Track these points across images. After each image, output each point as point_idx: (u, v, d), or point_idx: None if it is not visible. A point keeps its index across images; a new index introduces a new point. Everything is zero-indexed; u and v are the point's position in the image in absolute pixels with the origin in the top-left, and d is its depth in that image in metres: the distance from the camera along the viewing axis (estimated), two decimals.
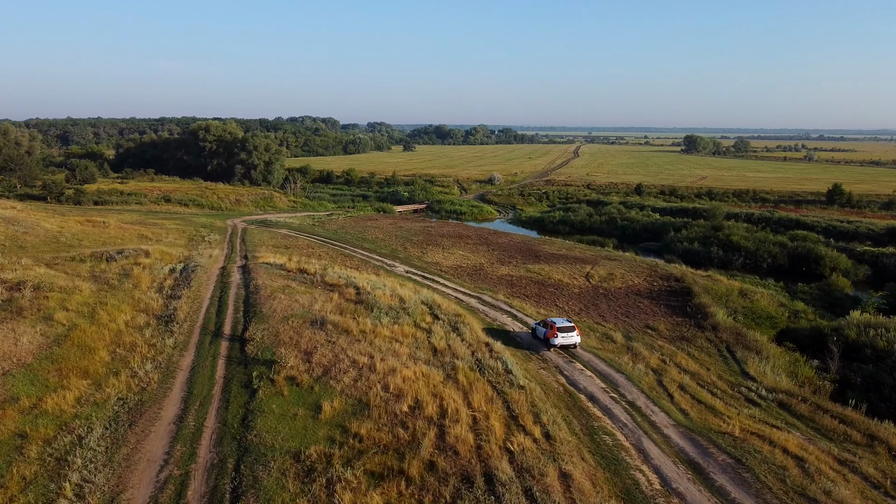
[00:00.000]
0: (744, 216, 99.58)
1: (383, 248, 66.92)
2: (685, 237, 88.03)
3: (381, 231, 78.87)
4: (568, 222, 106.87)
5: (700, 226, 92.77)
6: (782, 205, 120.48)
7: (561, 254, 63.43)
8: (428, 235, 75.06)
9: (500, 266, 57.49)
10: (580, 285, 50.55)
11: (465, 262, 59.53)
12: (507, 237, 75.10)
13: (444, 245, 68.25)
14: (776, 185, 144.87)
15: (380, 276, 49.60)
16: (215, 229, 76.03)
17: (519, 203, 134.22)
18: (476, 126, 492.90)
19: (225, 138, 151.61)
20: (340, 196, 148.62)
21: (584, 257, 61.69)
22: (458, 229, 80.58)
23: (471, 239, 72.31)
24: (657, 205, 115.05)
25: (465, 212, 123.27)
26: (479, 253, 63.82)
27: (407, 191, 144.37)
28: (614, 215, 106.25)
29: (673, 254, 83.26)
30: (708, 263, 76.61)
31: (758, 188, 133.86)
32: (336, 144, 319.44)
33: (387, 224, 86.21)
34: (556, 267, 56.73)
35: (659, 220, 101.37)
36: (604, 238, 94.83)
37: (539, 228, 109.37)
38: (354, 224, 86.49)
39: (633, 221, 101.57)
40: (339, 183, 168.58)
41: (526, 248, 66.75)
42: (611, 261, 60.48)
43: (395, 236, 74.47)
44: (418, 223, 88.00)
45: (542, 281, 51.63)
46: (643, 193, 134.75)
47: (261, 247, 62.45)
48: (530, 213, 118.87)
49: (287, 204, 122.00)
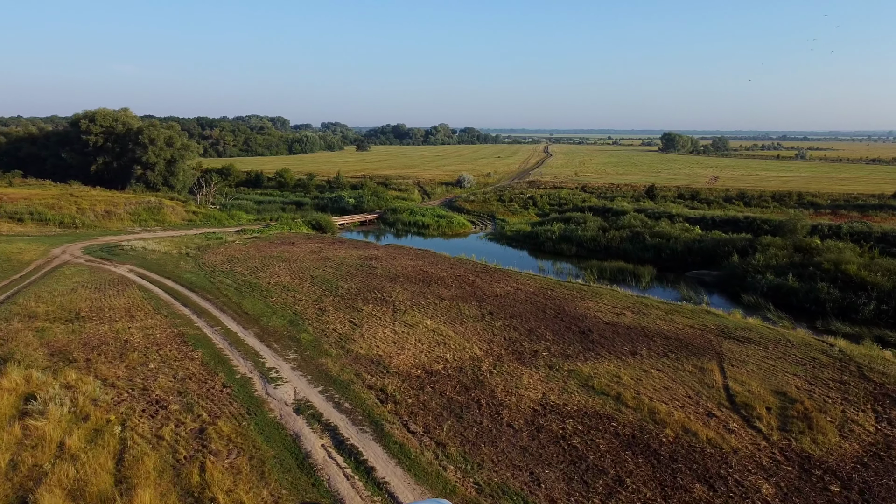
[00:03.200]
0: (826, 229, 70.66)
1: (278, 312, 34.47)
2: (762, 265, 58.33)
3: (291, 269, 46.33)
4: (573, 239, 76.31)
5: (776, 246, 63.29)
6: (842, 211, 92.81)
7: (623, 324, 32.09)
8: (369, 277, 42.98)
9: (518, 369, 25.68)
10: (748, 451, 19.17)
11: (439, 354, 27.62)
12: (506, 279, 42.77)
13: (398, 301, 36.30)
14: (812, 185, 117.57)
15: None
16: None
17: (499, 211, 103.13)
18: (437, 125, 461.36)
19: (115, 130, 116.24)
20: (268, 203, 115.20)
21: (677, 335, 30.42)
22: (423, 263, 48.29)
23: (445, 285, 40.50)
24: (686, 213, 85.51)
25: (430, 224, 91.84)
26: (464, 324, 32.00)
27: (353, 196, 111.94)
28: (638, 229, 76.06)
29: (752, 292, 54.07)
30: (812, 307, 48.77)
31: (800, 190, 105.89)
32: (280, 143, 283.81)
33: (307, 253, 53.61)
34: (640, 367, 25.58)
35: (706, 236, 71.50)
36: (633, 265, 64.97)
37: (532, 246, 78.63)
38: (257, 253, 53.67)
39: (670, 239, 71.41)
40: (271, 187, 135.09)
41: (551, 307, 35.08)
42: (732, 339, 29.72)
43: (310, 280, 42.15)
44: (358, 250, 55.42)
45: (638, 432, 20.07)
46: (657, 197, 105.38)
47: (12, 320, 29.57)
48: (517, 226, 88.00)
49: (182, 216, 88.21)
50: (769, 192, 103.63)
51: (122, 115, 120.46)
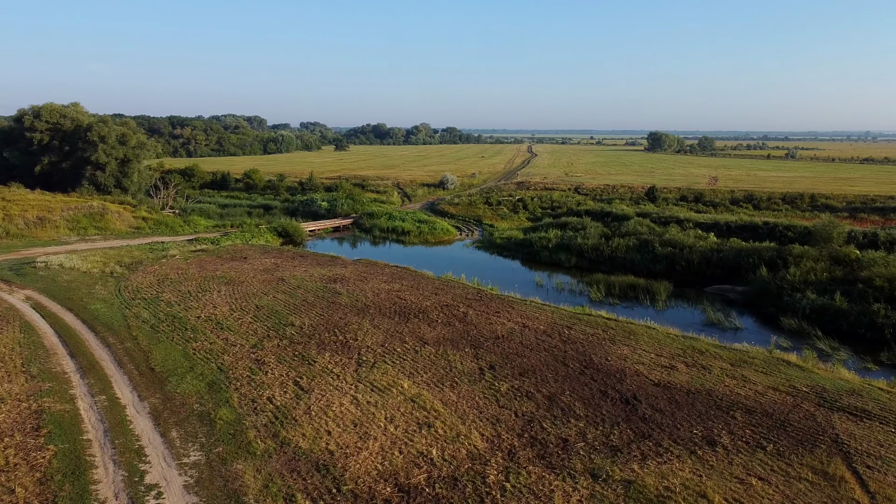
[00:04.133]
0: (861, 237, 62.42)
1: (197, 367, 24.76)
2: (799, 280, 49.82)
3: (234, 296, 36.55)
4: (572, 248, 67.31)
5: (810, 257, 54.86)
6: (861, 214, 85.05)
7: (678, 385, 22.54)
8: (331, 308, 33.37)
9: (544, 478, 16.15)
10: None
11: (421, 447, 18.07)
12: (507, 311, 32.84)
13: (365, 347, 26.78)
14: (819, 186, 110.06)
15: None
16: None
17: (487, 215, 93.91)
18: (418, 125, 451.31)
19: (63, 127, 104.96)
20: (233, 207, 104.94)
21: (762, 406, 20.74)
22: (400, 287, 38.11)
23: (428, 319, 30.97)
24: (695, 217, 76.95)
25: (410, 230, 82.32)
26: (457, 387, 22.48)
27: (327, 199, 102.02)
28: (645, 236, 67.32)
29: (792, 314, 45.78)
30: (868, 333, 40.84)
31: (811, 191, 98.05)
32: (255, 143, 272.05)
33: (259, 271, 43.77)
34: (730, 472, 16.48)
35: (724, 244, 62.90)
36: (644, 279, 56.31)
37: (525, 256, 69.54)
38: (198, 272, 43.72)
39: (683, 248, 62.66)
40: (238, 189, 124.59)
41: (573, 357, 25.31)
42: (843, 413, 20.60)
43: (254, 313, 32.44)
44: (322, 267, 45.55)
45: None
46: (658, 200, 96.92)
47: None
48: (507, 233, 78.86)
49: (129, 223, 77.70)
50: (778, 194, 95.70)
51: (71, 111, 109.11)
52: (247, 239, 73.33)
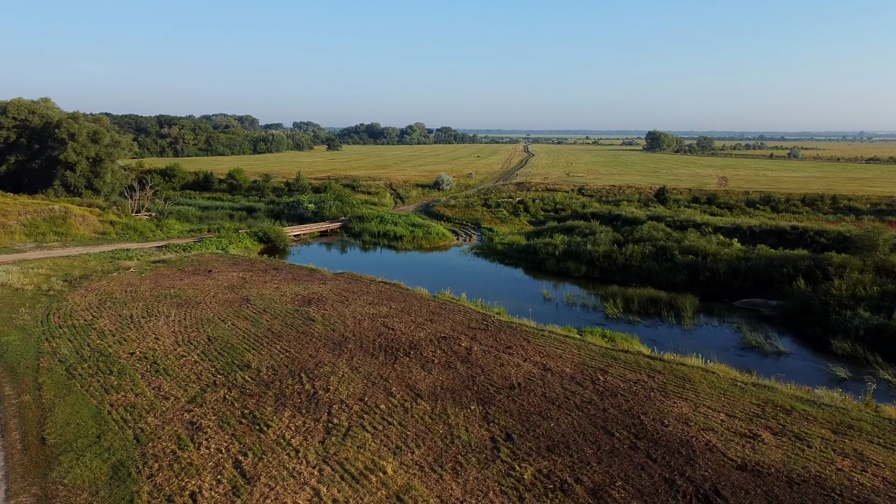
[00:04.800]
0: None
1: (106, 437, 18.06)
2: (847, 295, 43.54)
3: (185, 321, 29.80)
4: (581, 255, 60.88)
5: (852, 267, 48.60)
6: (888, 217, 78.95)
7: (770, 469, 15.80)
8: (301, 341, 26.69)
9: None
10: None
11: None
12: (521, 345, 25.54)
13: (337, 402, 20.13)
14: (836, 187, 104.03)
15: None
16: None
17: (485, 218, 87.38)
18: (412, 124, 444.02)
19: (31, 124, 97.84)
20: (215, 209, 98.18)
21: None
22: (388, 310, 30.89)
23: (421, 359, 24.23)
24: (714, 221, 70.48)
25: (403, 234, 75.79)
26: (462, 471, 15.71)
27: (314, 201, 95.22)
28: (662, 242, 60.95)
29: (840, 335, 39.77)
30: None
31: (831, 192, 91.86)
32: (244, 143, 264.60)
33: (223, 289, 37.03)
34: None
35: (751, 252, 56.53)
36: (665, 291, 50.14)
37: (529, 264, 63.17)
38: (150, 289, 36.96)
39: (706, 256, 56.31)
40: (222, 190, 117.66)
41: (617, 420, 18.36)
42: None
43: (203, 347, 25.74)
44: (297, 284, 38.71)
45: None
46: (668, 201, 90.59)
47: None
48: (509, 238, 72.40)
49: (94, 228, 70.76)
50: (797, 196, 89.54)
51: (41, 107, 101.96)
52: (223, 245, 66.72)
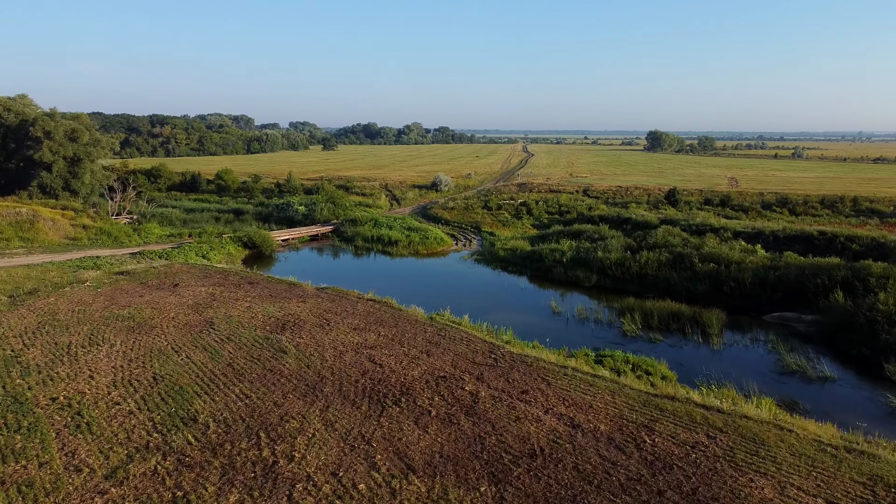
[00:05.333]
0: None
1: None
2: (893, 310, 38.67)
3: (131, 352, 24.71)
4: (591, 263, 56.01)
5: None
6: None
7: None
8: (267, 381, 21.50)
9: None
10: None
11: None
12: (538, 389, 19.74)
13: (302, 479, 15.18)
14: (853, 188, 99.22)
15: None
16: None
17: (486, 221, 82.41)
18: (409, 124, 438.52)
19: (6, 121, 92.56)
20: (200, 212, 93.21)
21: None
22: (375, 339, 25.41)
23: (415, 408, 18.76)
24: (732, 225, 65.55)
25: (398, 239, 70.88)
26: None
27: (304, 203, 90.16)
28: (679, 249, 56.05)
29: (894, 358, 35.15)
30: None
31: (850, 194, 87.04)
32: (238, 142, 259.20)
33: (186, 308, 31.85)
34: None
35: (779, 261, 51.62)
36: (687, 304, 45.40)
37: (534, 272, 58.36)
38: (101, 308, 31.87)
39: (729, 264, 51.43)
40: (210, 191, 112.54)
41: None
42: None
43: (145, 392, 20.62)
44: (272, 303, 33.38)
45: None
46: (679, 203, 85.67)
47: None
48: (511, 243, 67.52)
49: (65, 233, 65.61)
50: (814, 197, 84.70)
51: (17, 104, 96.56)
52: (204, 252, 61.79)
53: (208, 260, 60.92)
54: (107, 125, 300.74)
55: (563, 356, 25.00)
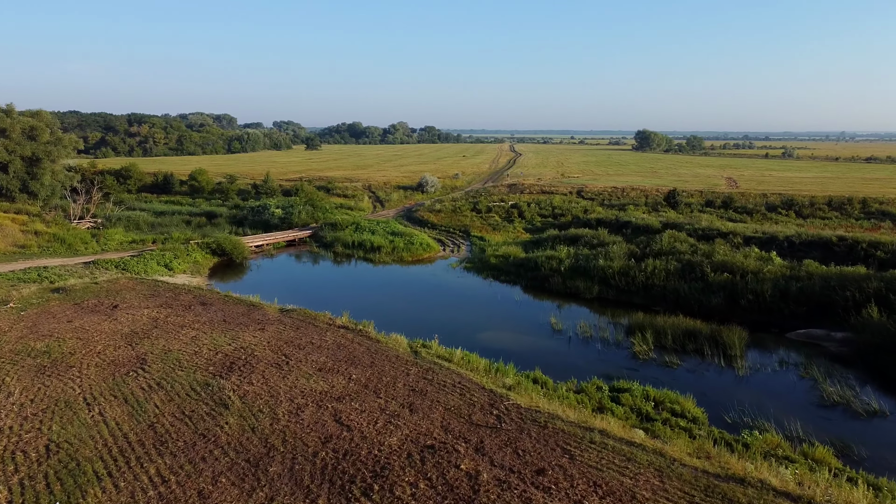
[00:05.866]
0: None
1: None
2: None
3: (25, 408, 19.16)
4: (592, 272, 51.08)
5: None
6: None
7: None
8: (192, 456, 16.27)
9: None
10: None
11: None
12: (559, 466, 13.97)
13: None
14: (861, 188, 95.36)
15: None
16: None
17: (475, 225, 77.25)
18: (395, 123, 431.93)
19: None
20: (171, 215, 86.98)
21: None
22: (344, 385, 19.00)
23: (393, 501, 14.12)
24: (741, 230, 60.62)
25: (381, 245, 65.49)
26: None
27: (281, 205, 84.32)
28: (688, 256, 51.28)
29: None
30: None
31: (860, 195, 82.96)
32: (218, 142, 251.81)
33: (119, 338, 26.28)
34: None
35: (798, 269, 46.92)
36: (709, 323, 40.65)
37: (528, 281, 53.28)
38: (18, 338, 26.22)
39: (745, 274, 46.72)
40: (183, 192, 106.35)
41: None
42: None
43: (29, 469, 15.25)
44: (224, 331, 27.61)
45: None
46: (679, 205, 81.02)
47: None
48: (503, 249, 62.45)
49: (14, 240, 59.48)
50: (821, 199, 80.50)
51: None
52: (167, 261, 56.11)
53: (171, 270, 55.29)
54: (82, 124, 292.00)
55: (586, 413, 19.65)
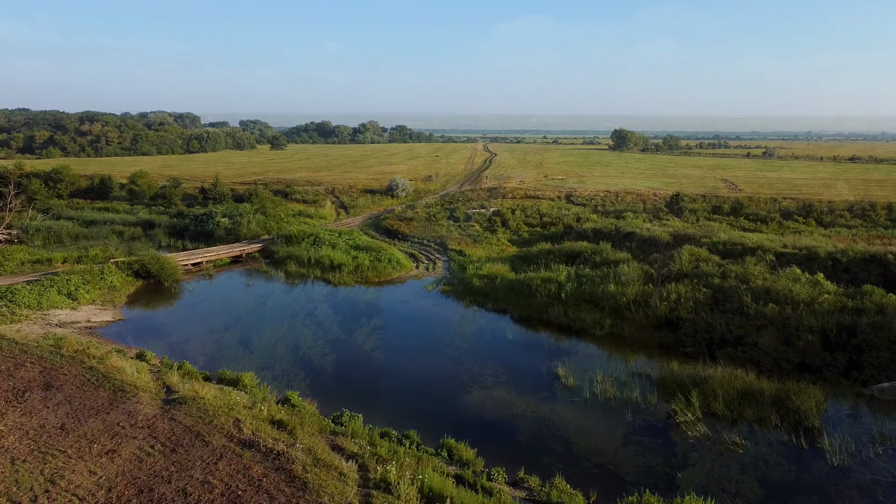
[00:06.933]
0: None
1: None
2: None
3: None
4: (600, 300, 41.43)
5: None
6: None
7: None
8: None
9: None
10: None
11: None
12: None
13: None
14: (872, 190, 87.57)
15: None
16: None
17: (453, 236, 66.89)
18: (366, 122, 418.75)
19: None
20: (104, 224, 74.91)
21: None
22: None
23: None
24: (770, 245, 51.02)
25: (343, 262, 54.95)
26: None
27: (229, 213, 72.85)
28: (717, 280, 41.78)
29: None
30: None
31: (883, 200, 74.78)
32: (176, 141, 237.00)
33: None
34: None
35: (867, 301, 37.60)
36: (767, 379, 31.06)
37: (521, 309, 43.22)
38: None
39: (797, 306, 37.32)
40: (121, 197, 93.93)
41: None
42: None
43: None
44: (35, 463, 16.55)
45: None
46: (684, 212, 71.75)
47: None
48: (487, 267, 52.60)
49: None
50: (840, 204, 72.12)
51: None
52: (72, 288, 44.99)
53: (75, 300, 44.08)
54: (30, 122, 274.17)
55: None
